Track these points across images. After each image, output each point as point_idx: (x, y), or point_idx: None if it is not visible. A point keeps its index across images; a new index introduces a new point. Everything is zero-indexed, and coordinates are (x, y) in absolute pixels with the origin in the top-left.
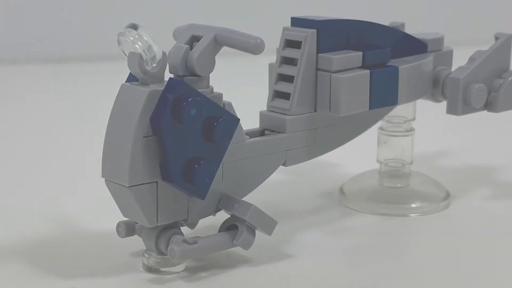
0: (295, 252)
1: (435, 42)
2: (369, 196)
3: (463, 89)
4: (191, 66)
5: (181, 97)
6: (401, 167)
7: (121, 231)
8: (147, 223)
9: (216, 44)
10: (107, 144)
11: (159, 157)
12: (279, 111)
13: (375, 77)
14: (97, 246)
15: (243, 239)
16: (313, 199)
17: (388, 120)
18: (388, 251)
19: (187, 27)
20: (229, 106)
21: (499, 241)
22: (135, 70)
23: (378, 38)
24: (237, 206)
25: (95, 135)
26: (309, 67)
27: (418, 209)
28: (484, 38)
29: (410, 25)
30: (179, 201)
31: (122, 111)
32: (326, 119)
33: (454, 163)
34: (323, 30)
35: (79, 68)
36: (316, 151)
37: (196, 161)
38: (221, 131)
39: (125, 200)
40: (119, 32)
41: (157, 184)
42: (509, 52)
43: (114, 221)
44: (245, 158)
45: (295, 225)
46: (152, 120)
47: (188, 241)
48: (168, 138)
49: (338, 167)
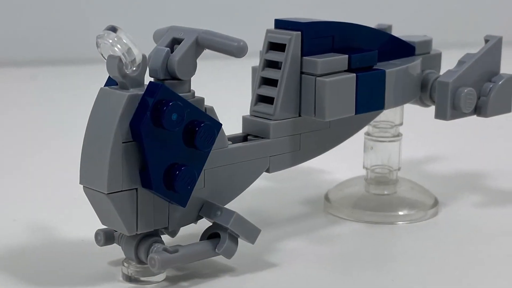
0: (279, 260)
1: (423, 44)
2: (355, 203)
3: (452, 93)
4: (172, 69)
5: (162, 101)
6: (388, 174)
7: (100, 240)
8: (127, 231)
9: (198, 47)
10: (85, 150)
11: (139, 163)
12: (262, 116)
13: (361, 81)
14: (75, 255)
15: (226, 247)
16: (298, 206)
17: (374, 125)
18: (374, 260)
19: (168, 29)
20: (211, 110)
21: (489, 250)
22: (114, 74)
23: (364, 40)
24: (219, 213)
25: (73, 140)
26: (293, 71)
27: (406, 216)
28: (473, 41)
29: (398, 27)
30: (160, 209)
31: (101, 116)
32: (310, 124)
33: (442, 169)
34: (307, 33)
35: (56, 71)
36: (300, 157)
37: (177, 167)
38: (202, 137)
39: (104, 208)
40: (98, 35)
41: (137, 191)
42: (499, 55)
43: (92, 229)
44: (227, 164)
45: (279, 233)
46: (132, 125)
47: (168, 250)
48: (148, 144)
49: (323, 174)
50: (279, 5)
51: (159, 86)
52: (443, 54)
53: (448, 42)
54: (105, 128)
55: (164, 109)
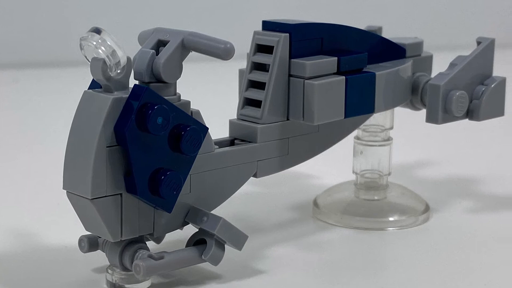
0: (266, 267)
1: (414, 46)
2: (345, 209)
3: (443, 96)
4: (157, 72)
5: (147, 104)
6: (378, 179)
7: (84, 246)
8: (111, 237)
9: (184, 49)
10: (69, 154)
11: (123, 168)
12: (249, 120)
13: (350, 84)
14: (58, 262)
15: (212, 254)
16: (286, 212)
17: (364, 129)
18: (364, 267)
19: (153, 31)
20: (197, 114)
21: (481, 257)
22: (98, 77)
23: (354, 42)
24: (206, 219)
25: (56, 144)
26: (281, 73)
27: (396, 222)
28: (465, 43)
29: (388, 29)
30: (145, 215)
31: (85, 119)
32: (299, 128)
33: (434, 174)
34: (296, 34)
35: (38, 74)
36: (288, 161)
37: (162, 172)
38: (188, 141)
39: (88, 213)
40: (81, 37)
41: (122, 196)
42: (491, 57)
43: (76, 235)
44: (213, 169)
45: (267, 239)
46: (116, 129)
47: (154, 257)
48: (133, 148)
49: (312, 179)
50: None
51: (144, 89)
52: (434, 56)
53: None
54: (89, 132)
55: (149, 112)
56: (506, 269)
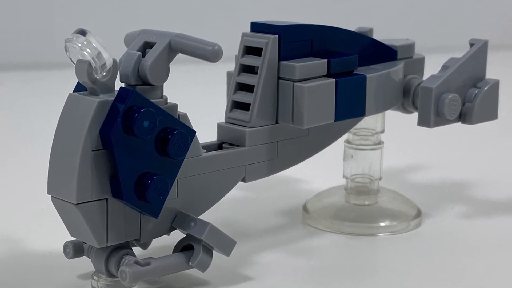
0: (255, 274)
1: (405, 48)
2: (335, 214)
3: (436, 99)
4: (144, 74)
5: (133, 107)
6: (369, 183)
7: (69, 252)
8: (97, 243)
9: (171, 51)
10: (54, 159)
11: (109, 172)
12: (238, 123)
13: (341, 87)
14: (43, 268)
15: (200, 260)
16: (275, 217)
17: (355, 132)
18: (354, 273)
19: (140, 33)
20: (185, 117)
21: (474, 262)
22: (84, 79)
23: (344, 44)
24: (193, 224)
25: (41, 148)
26: (270, 76)
27: (387, 228)
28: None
29: (379, 30)
30: (131, 220)
31: (70, 123)
32: (288, 132)
33: (426, 179)
34: (285, 36)
35: (22, 76)
36: (277, 165)
37: (149, 176)
38: (175, 145)
39: (73, 219)
40: (66, 38)
41: (107, 201)
42: (485, 60)
43: (61, 241)
44: (201, 173)
45: (255, 245)
46: (102, 133)
47: (140, 263)
48: (119, 152)
49: (301, 183)
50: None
51: (130, 92)
52: (426, 59)
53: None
54: (74, 136)
55: (136, 115)
56: (499, 274)
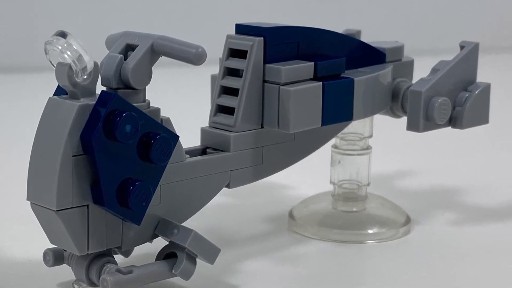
0: (240, 282)
1: (394, 51)
2: (322, 221)
3: (425, 103)
4: (126, 78)
5: (115, 112)
6: (356, 189)
7: (49, 260)
8: (77, 250)
9: (153, 53)
10: (33, 164)
11: (90, 178)
12: (222, 128)
13: (328, 90)
14: (22, 276)
15: (183, 268)
16: (260, 224)
17: (342, 137)
18: (342, 282)
19: (121, 35)
20: (168, 122)
21: (464, 270)
22: (64, 82)
23: (331, 47)
24: (176, 232)
25: (20, 153)
26: (255, 79)
27: (376, 235)
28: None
29: (367, 32)
30: (112, 227)
31: (50, 127)
32: (274, 136)
33: (415, 185)
34: (270, 38)
35: (1, 79)
36: (263, 171)
37: (131, 182)
38: (158, 150)
39: (53, 226)
40: (46, 41)
41: (88, 208)
42: (475, 62)
43: (41, 249)
44: (184, 179)
45: (240, 252)
46: (83, 137)
47: (122, 271)
48: (100, 157)
49: (287, 189)
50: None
51: (112, 95)
52: (416, 61)
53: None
54: (54, 141)
55: (117, 120)
56: (490, 282)
